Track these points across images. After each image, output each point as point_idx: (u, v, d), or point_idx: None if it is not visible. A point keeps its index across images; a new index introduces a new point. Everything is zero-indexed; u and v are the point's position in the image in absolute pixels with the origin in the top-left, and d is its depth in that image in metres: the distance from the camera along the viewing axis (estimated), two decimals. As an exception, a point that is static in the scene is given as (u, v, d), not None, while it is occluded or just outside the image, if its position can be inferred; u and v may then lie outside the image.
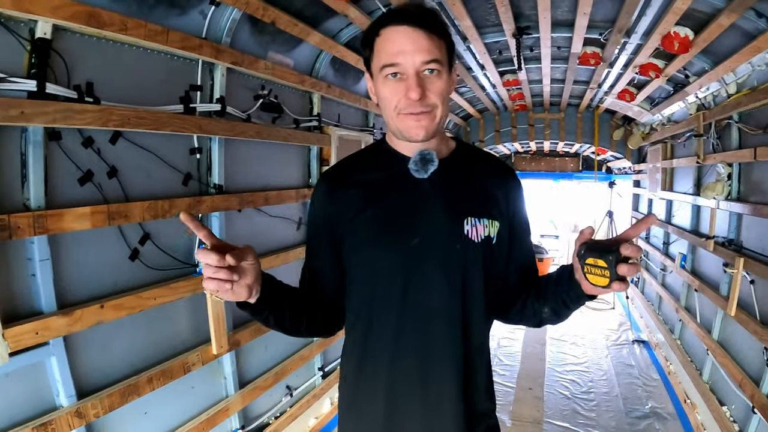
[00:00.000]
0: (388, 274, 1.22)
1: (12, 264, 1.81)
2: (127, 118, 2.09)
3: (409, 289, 1.20)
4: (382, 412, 1.25)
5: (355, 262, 1.27)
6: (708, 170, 4.42)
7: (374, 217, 1.23)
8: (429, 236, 1.19)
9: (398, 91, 1.13)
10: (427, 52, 1.10)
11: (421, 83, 1.11)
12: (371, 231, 1.22)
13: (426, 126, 1.15)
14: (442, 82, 1.15)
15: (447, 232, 1.21)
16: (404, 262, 1.20)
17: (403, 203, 1.22)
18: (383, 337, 1.23)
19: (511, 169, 1.40)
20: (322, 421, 3.81)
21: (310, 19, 3.09)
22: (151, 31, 2.16)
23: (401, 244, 1.20)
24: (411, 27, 1.10)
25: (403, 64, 1.11)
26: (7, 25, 1.71)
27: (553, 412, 4.26)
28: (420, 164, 1.21)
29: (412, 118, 1.14)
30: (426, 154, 1.21)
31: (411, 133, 1.17)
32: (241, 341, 2.88)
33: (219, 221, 2.72)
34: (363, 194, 1.25)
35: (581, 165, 9.83)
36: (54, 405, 1.95)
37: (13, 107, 1.68)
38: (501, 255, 1.29)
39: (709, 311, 4.16)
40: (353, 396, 1.33)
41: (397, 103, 1.14)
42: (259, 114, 3.04)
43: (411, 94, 1.10)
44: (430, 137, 1.19)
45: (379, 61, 1.15)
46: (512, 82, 5.42)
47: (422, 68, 1.11)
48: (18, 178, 1.80)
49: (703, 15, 2.99)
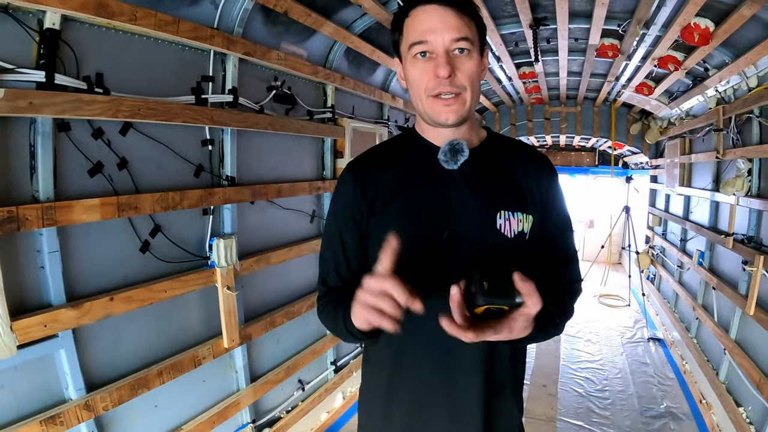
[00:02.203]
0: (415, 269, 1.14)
1: (20, 256, 1.78)
2: (137, 108, 2.05)
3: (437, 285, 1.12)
4: (406, 415, 1.22)
5: None
6: (727, 166, 4.31)
7: (403, 211, 1.17)
8: (460, 230, 1.13)
9: (427, 70, 1.08)
10: (457, 29, 1.06)
11: (450, 62, 1.06)
12: (399, 225, 1.14)
13: (456, 110, 1.10)
14: (473, 63, 1.10)
15: (479, 226, 1.15)
16: (433, 256, 1.13)
17: (433, 195, 1.16)
18: (408, 337, 1.15)
19: (545, 157, 1.31)
20: (333, 415, 3.78)
21: (324, 10, 3.03)
22: (162, 21, 2.12)
23: (430, 238, 1.14)
24: (440, 6, 1.06)
25: (432, 42, 1.07)
26: (15, 15, 1.68)
27: (567, 410, 4.17)
28: (450, 154, 1.16)
29: (441, 101, 1.09)
30: (456, 144, 1.15)
31: (441, 117, 1.11)
32: (253, 335, 2.85)
33: (231, 213, 2.68)
34: (391, 186, 1.19)
35: (597, 159, 9.70)
36: (63, 398, 1.93)
37: (22, 98, 1.65)
38: (535, 252, 1.20)
39: (727, 310, 4.06)
40: (375, 398, 1.29)
41: (426, 84, 1.10)
42: (272, 105, 2.99)
43: (440, 71, 1.05)
44: (460, 122, 1.13)
45: (407, 40, 1.11)
46: (528, 74, 5.31)
47: (452, 46, 1.07)
48: (27, 170, 1.77)
49: (724, 6, 2.90)
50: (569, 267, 1.29)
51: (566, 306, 1.23)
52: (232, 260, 2.58)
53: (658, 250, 6.85)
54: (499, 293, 0.89)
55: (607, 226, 9.41)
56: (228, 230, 2.68)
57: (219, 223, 2.66)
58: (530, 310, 0.90)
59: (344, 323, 1.08)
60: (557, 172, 1.30)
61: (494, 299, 0.89)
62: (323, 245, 1.30)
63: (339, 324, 1.11)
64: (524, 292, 0.88)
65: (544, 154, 1.32)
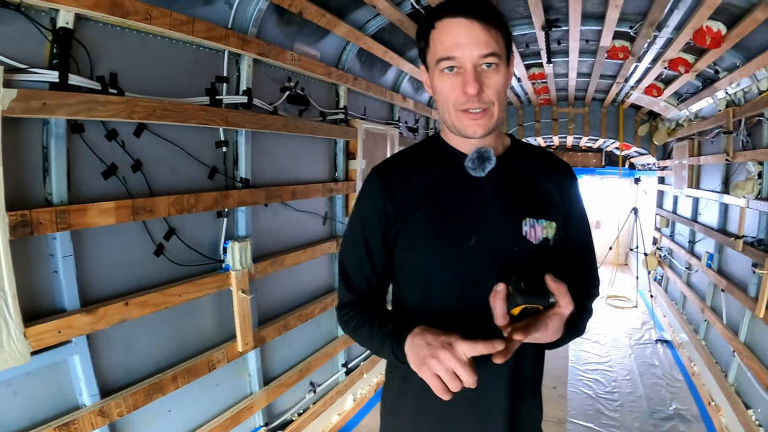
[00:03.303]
0: (442, 276, 1.15)
1: (34, 261, 1.72)
2: (152, 110, 1.98)
3: (465, 292, 1.13)
4: (434, 420, 1.20)
5: (408, 262, 1.20)
6: (737, 168, 4.27)
7: (429, 216, 1.16)
8: (486, 237, 1.13)
9: (455, 85, 1.07)
10: (485, 45, 1.04)
11: (478, 78, 1.05)
12: (426, 230, 1.15)
13: (484, 124, 1.09)
14: (500, 77, 1.08)
15: (505, 233, 1.15)
16: (460, 263, 1.13)
17: (460, 202, 1.16)
18: None
19: (566, 164, 1.32)
20: (344, 417, 3.70)
21: (337, 10, 2.97)
22: (177, 20, 2.05)
23: (457, 244, 1.13)
24: (467, 19, 1.04)
25: (459, 58, 1.05)
26: (28, 14, 1.61)
27: (577, 412, 4.10)
28: (477, 162, 1.15)
29: (469, 116, 1.09)
30: (484, 152, 1.15)
31: (468, 131, 1.11)
32: (267, 338, 2.78)
33: (245, 216, 2.61)
34: (418, 191, 1.17)
35: (604, 160, 9.62)
36: (77, 404, 1.88)
37: (35, 99, 1.59)
38: (558, 257, 1.20)
39: (736, 312, 4.01)
40: (402, 402, 1.27)
41: (455, 99, 1.08)
42: (285, 106, 2.91)
43: (468, 89, 1.04)
44: (487, 134, 1.12)
45: (434, 54, 1.09)
46: (538, 75, 5.25)
47: (480, 62, 1.05)
48: (39, 172, 1.71)
49: (737, 9, 2.88)
50: (589, 272, 1.32)
51: (587, 309, 1.25)
52: (247, 263, 2.51)
53: (666, 252, 6.79)
54: (536, 293, 0.93)
55: (614, 227, 9.33)
56: (242, 233, 2.61)
57: (233, 226, 2.60)
58: (564, 310, 0.94)
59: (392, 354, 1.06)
60: (577, 178, 1.30)
61: (531, 298, 0.93)
62: (346, 249, 1.28)
63: (383, 348, 1.09)
64: (557, 293, 0.92)
65: (565, 161, 1.32)
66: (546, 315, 0.95)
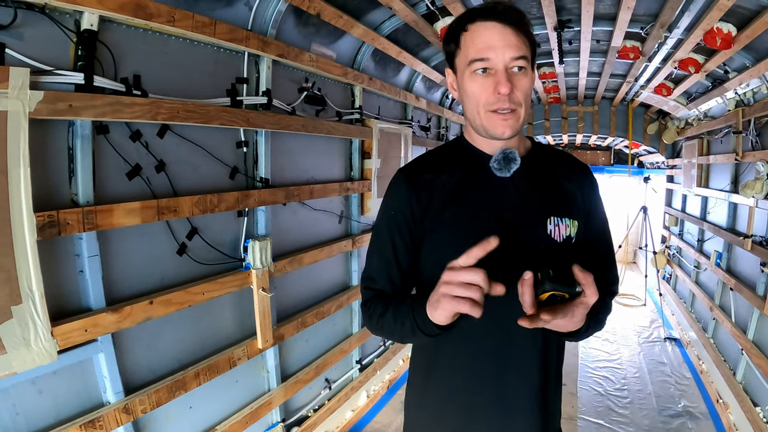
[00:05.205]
0: None
1: (60, 260, 1.70)
2: (176, 111, 1.95)
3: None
4: (458, 417, 1.19)
5: (434, 263, 1.16)
6: (746, 168, 4.23)
7: (457, 216, 1.16)
8: (513, 235, 1.10)
9: (486, 86, 1.09)
10: (516, 48, 1.07)
11: (510, 79, 1.07)
12: (454, 230, 1.15)
13: (512, 125, 1.11)
14: (528, 80, 1.11)
15: (531, 232, 1.15)
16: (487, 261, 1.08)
17: (486, 202, 1.16)
18: (461, 341, 1.16)
19: (586, 166, 1.32)
20: (358, 413, 3.68)
21: (354, 11, 2.93)
22: (199, 22, 2.02)
23: None
24: (500, 23, 1.07)
25: (492, 59, 1.07)
26: (53, 16, 1.59)
27: (588, 409, 4.06)
28: (503, 163, 1.16)
29: (499, 116, 1.10)
30: (509, 153, 1.16)
31: (497, 131, 1.11)
32: (285, 335, 2.76)
33: (265, 215, 2.59)
34: (445, 192, 1.18)
35: (612, 159, 9.53)
36: (101, 401, 1.86)
37: (61, 100, 1.56)
38: (580, 255, 1.19)
39: (744, 311, 3.97)
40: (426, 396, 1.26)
41: (485, 99, 1.10)
42: (303, 107, 2.88)
43: (501, 89, 1.06)
44: (514, 135, 1.13)
45: (466, 56, 1.11)
46: (548, 74, 5.20)
47: (511, 64, 1.07)
48: (65, 173, 1.69)
49: (747, 11, 2.85)
50: (609, 269, 1.32)
51: (607, 304, 1.27)
52: (267, 262, 2.49)
53: (675, 250, 6.72)
54: (564, 281, 0.94)
55: (622, 225, 9.22)
56: (262, 232, 2.58)
57: (253, 225, 2.57)
58: (589, 299, 0.94)
59: (414, 321, 1.05)
60: (596, 177, 1.31)
61: (559, 286, 0.94)
62: (372, 248, 1.27)
63: (405, 323, 1.08)
64: (583, 283, 0.92)
65: (585, 163, 1.33)
66: (572, 303, 0.96)
